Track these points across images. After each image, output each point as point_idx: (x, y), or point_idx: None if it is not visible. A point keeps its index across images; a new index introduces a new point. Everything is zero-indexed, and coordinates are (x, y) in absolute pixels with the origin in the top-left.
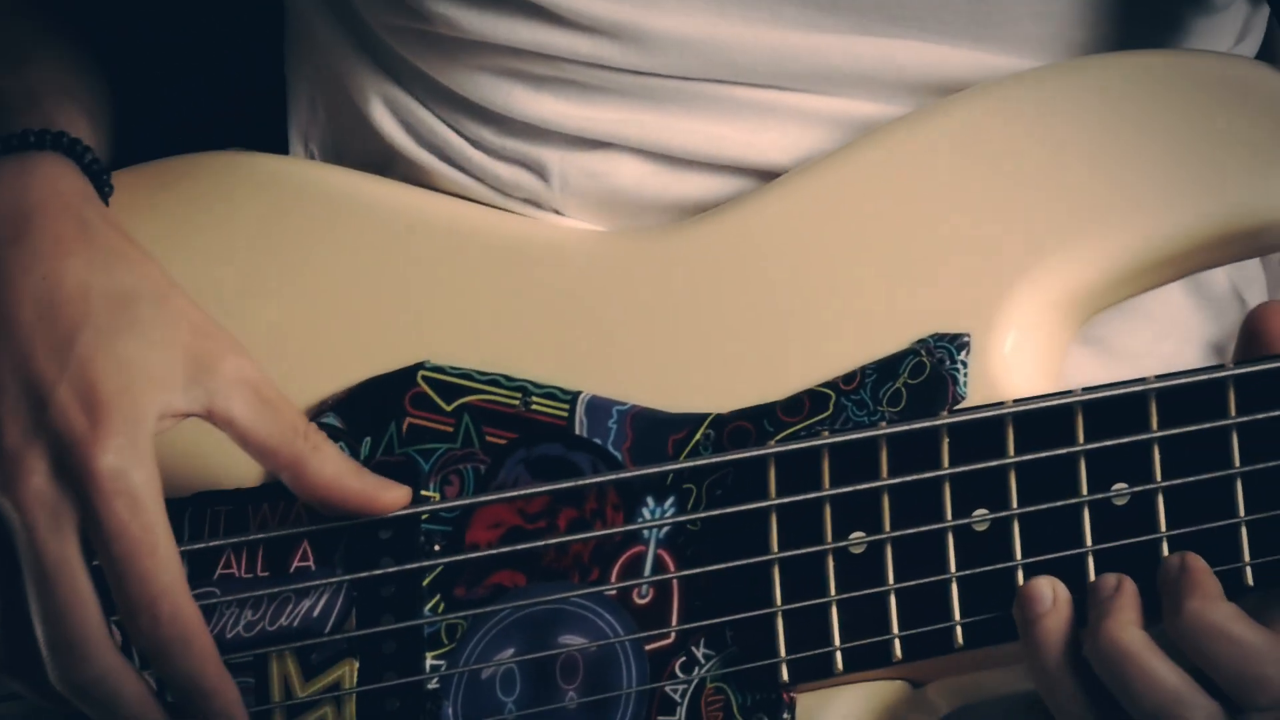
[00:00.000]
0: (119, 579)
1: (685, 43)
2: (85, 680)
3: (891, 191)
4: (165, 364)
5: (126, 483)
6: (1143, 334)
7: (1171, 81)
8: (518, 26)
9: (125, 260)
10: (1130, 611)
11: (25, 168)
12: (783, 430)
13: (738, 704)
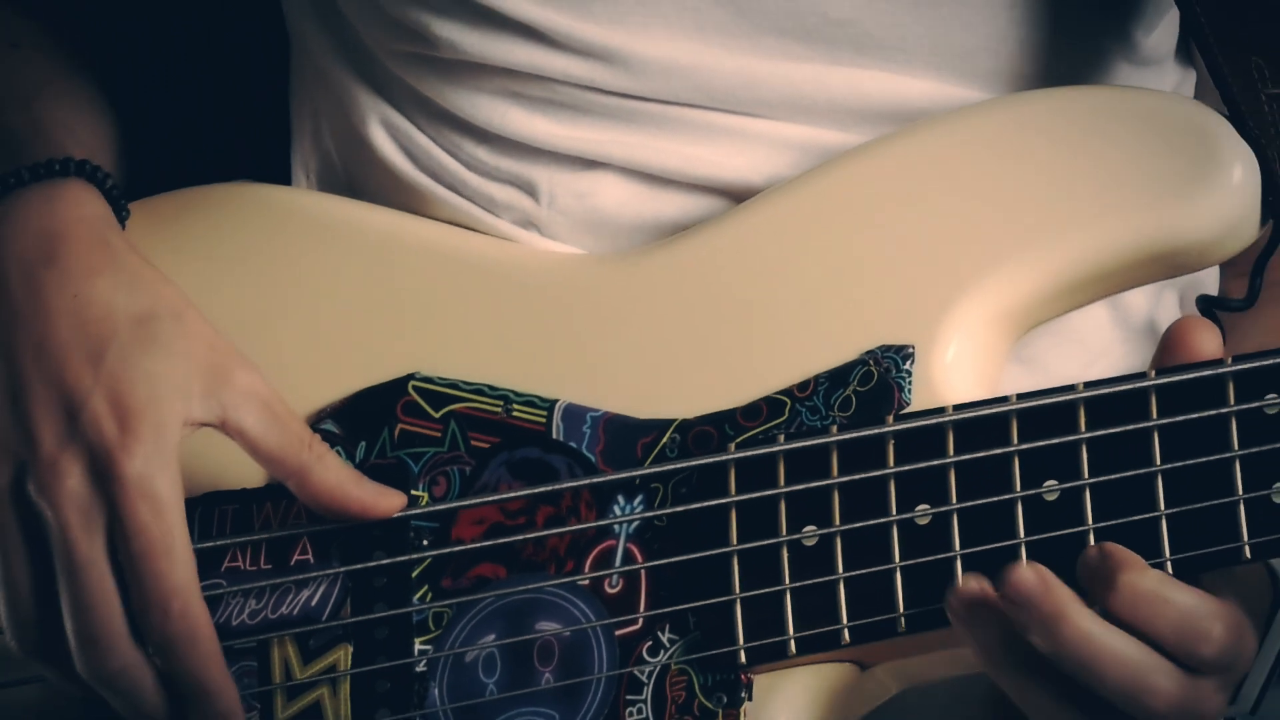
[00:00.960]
0: (136, 575)
1: (670, 68)
2: (108, 672)
3: (845, 214)
4: (185, 377)
5: (152, 487)
6: (1072, 356)
7: (1104, 114)
8: (515, 49)
9: (145, 281)
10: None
11: (51, 194)
12: (742, 434)
13: (699, 684)
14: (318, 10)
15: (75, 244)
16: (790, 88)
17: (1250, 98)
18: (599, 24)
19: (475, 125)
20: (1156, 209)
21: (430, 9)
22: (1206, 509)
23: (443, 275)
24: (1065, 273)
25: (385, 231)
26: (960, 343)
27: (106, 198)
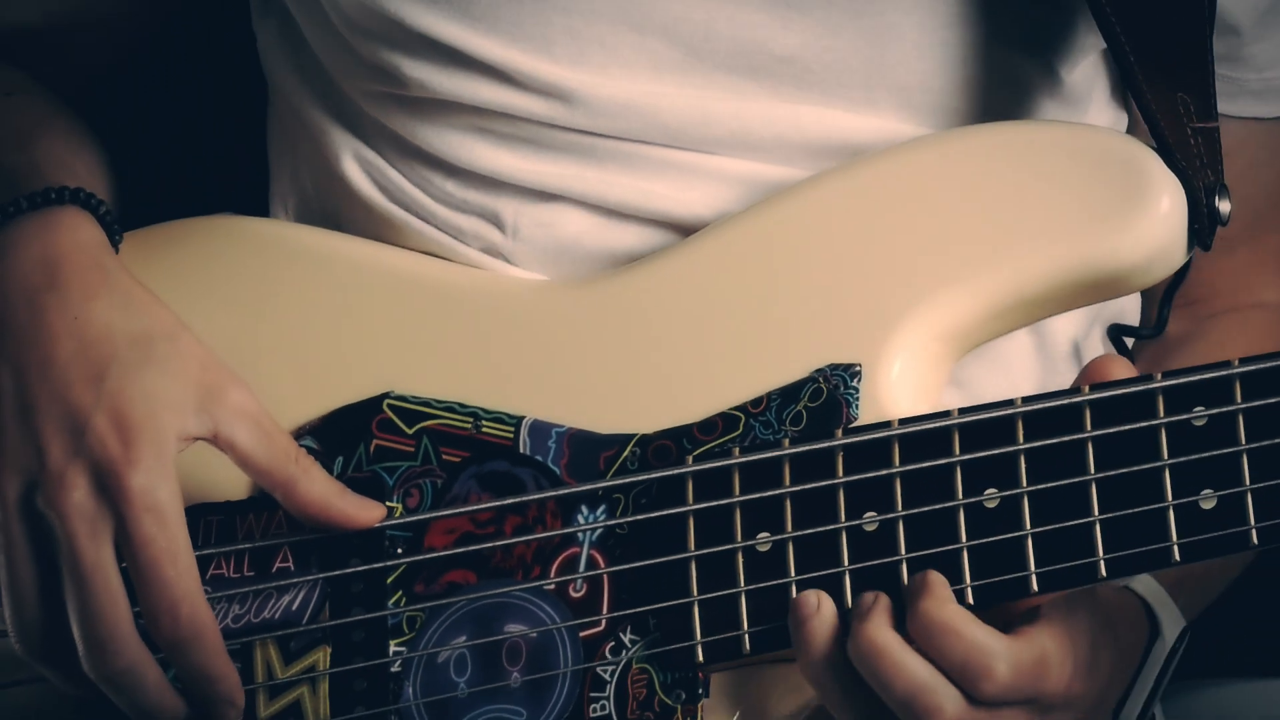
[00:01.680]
0: (145, 583)
1: (627, 106)
2: (115, 671)
3: (795, 242)
4: (181, 394)
5: (155, 499)
6: (999, 379)
7: (1040, 146)
8: (482, 88)
9: (140, 303)
10: (884, 616)
11: (49, 221)
12: (699, 447)
13: (659, 682)
14: (292, 54)
15: (73, 268)
16: (739, 124)
17: (1177, 131)
18: (560, 65)
19: (444, 160)
20: (1089, 236)
21: (401, 51)
22: (1138, 514)
23: (415, 300)
24: (1002, 296)
25: (360, 260)
26: (904, 361)
27: (100, 223)
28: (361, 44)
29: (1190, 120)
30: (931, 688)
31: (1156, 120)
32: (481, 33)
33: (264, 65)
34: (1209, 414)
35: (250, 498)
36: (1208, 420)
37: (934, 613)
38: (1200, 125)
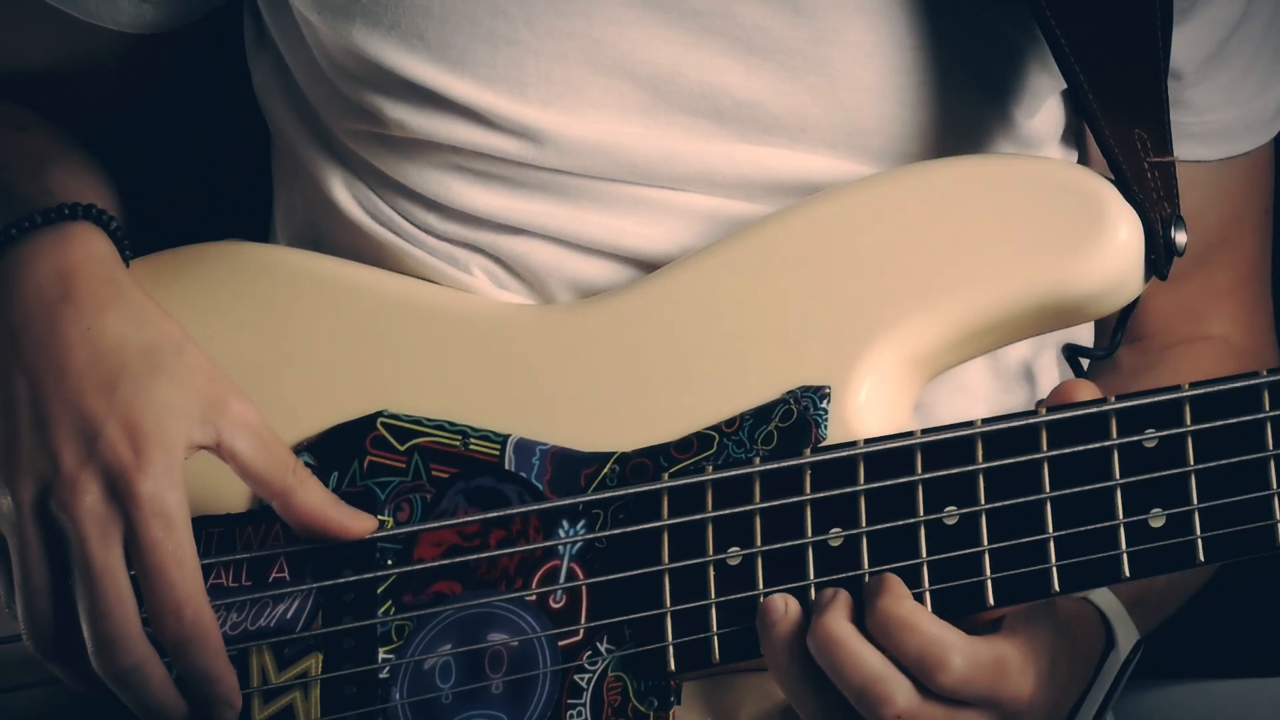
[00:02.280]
0: (152, 585)
1: (596, 147)
2: (123, 668)
3: (768, 270)
4: (187, 404)
5: (163, 504)
6: (957, 401)
7: (1002, 179)
8: (458, 129)
9: (150, 315)
10: (842, 609)
11: (62, 236)
12: (675, 465)
13: (633, 689)
14: (285, 92)
15: (86, 281)
16: (703, 163)
17: (1134, 166)
18: (532, 106)
19: (423, 195)
20: (1050, 265)
21: (382, 93)
22: (1090, 531)
23: (407, 323)
24: (966, 322)
25: (356, 284)
26: (872, 384)
27: (111, 238)
28: (345, 85)
29: (1147, 155)
30: (883, 677)
31: (1115, 155)
32: (457, 76)
33: (260, 101)
34: (1159, 436)
35: (249, 511)
36: (1158, 442)
37: (891, 608)
38: (1156, 160)
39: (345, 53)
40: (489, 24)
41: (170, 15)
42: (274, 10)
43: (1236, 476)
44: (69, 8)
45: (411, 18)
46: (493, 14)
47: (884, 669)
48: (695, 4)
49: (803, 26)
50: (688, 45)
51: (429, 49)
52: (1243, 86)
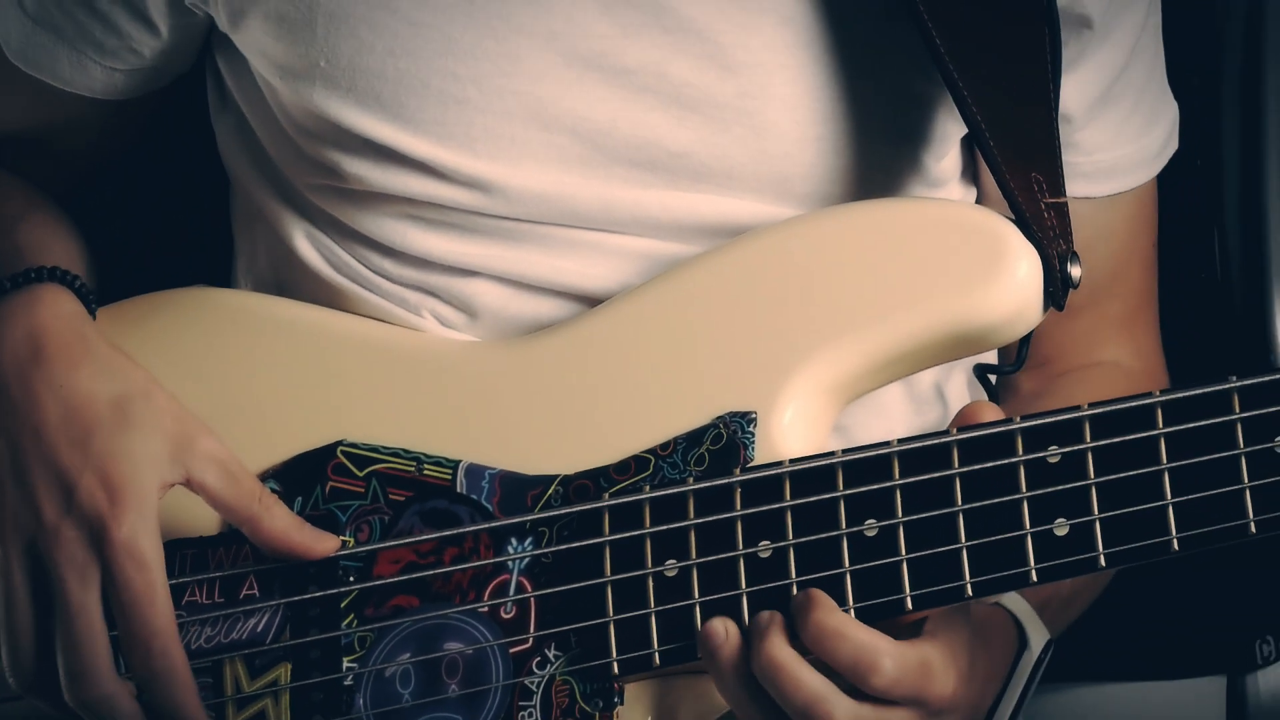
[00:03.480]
0: (125, 621)
1: (539, 195)
2: (92, 699)
3: (699, 306)
4: (158, 448)
5: (138, 548)
6: (874, 423)
7: (913, 220)
8: (412, 181)
9: (118, 367)
10: (779, 633)
11: (31, 298)
12: (615, 486)
13: (580, 692)
14: (247, 149)
15: (56, 340)
16: (639, 209)
17: (1032, 206)
18: (480, 160)
19: (380, 242)
20: (957, 298)
21: (342, 150)
22: (1000, 541)
23: (364, 360)
24: (881, 351)
25: (315, 325)
26: (795, 409)
27: (78, 295)
28: (306, 144)
29: (1044, 196)
30: (824, 696)
31: (1014, 197)
32: (411, 133)
33: (223, 157)
34: (1061, 452)
35: (220, 533)
36: (1061, 458)
37: (823, 621)
38: (1052, 201)
39: (306, 114)
40: (439, 85)
41: (139, 82)
42: (236, 75)
43: (1134, 488)
44: (44, 75)
45: (368, 80)
46: (443, 76)
47: (825, 689)
48: (628, 63)
49: (729, 82)
50: (622, 101)
51: (384, 109)
52: (1128, 127)
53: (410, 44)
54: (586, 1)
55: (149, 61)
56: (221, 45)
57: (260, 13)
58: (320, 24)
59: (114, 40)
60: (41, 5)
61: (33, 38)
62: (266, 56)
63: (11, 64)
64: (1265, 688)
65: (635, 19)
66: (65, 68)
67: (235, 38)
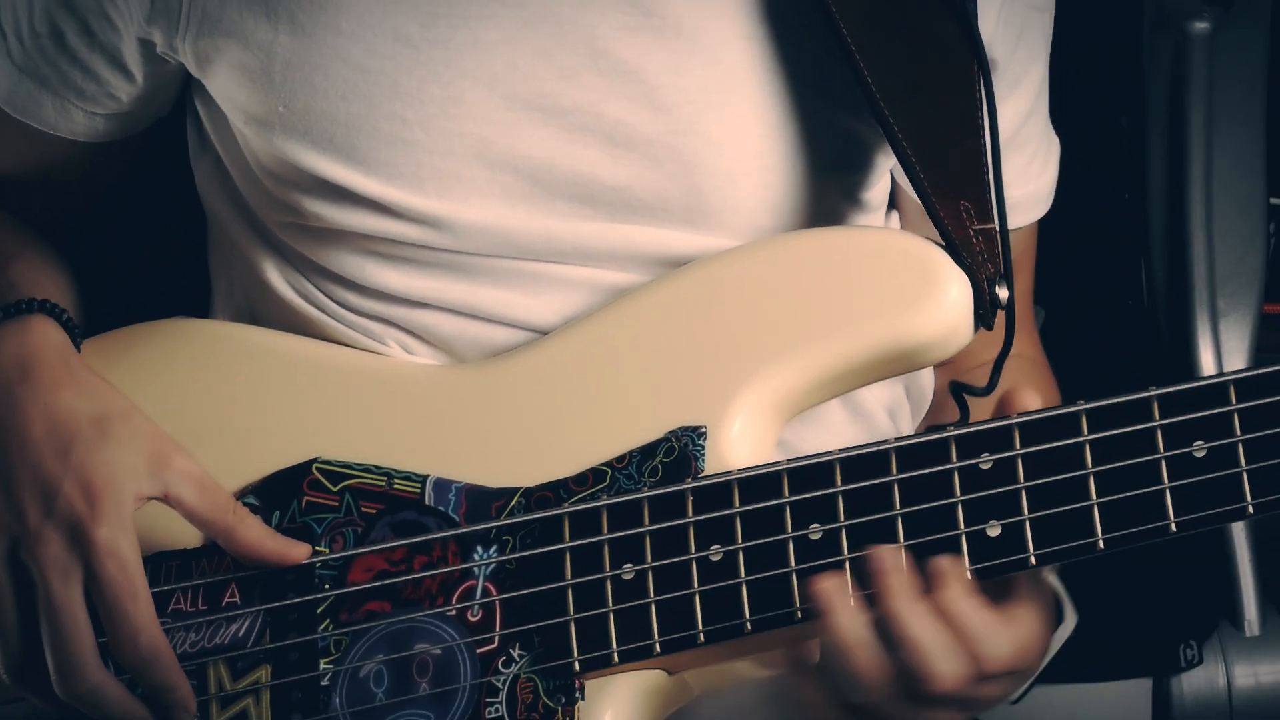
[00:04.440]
0: (109, 616)
1: (485, 230)
2: (81, 692)
3: (645, 330)
4: (135, 462)
5: (116, 548)
6: (815, 435)
7: (852, 247)
8: (368, 219)
9: (99, 390)
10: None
11: (22, 326)
12: (574, 496)
13: (543, 688)
14: (223, 189)
15: (42, 364)
16: (580, 240)
17: (962, 233)
18: (430, 198)
19: (341, 276)
20: (892, 319)
21: (302, 191)
22: (936, 541)
23: (336, 383)
24: (823, 369)
25: (290, 351)
26: (742, 423)
27: (64, 328)
28: (272, 185)
29: (972, 223)
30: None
31: (945, 225)
32: (363, 173)
33: (201, 197)
34: (993, 459)
35: (203, 546)
36: (992, 464)
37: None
38: (980, 227)
39: (269, 156)
40: (388, 128)
41: (120, 126)
42: (213, 120)
43: (1061, 491)
44: (31, 120)
45: (322, 125)
46: (391, 119)
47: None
48: (565, 104)
49: (661, 121)
50: (561, 140)
51: (338, 151)
52: (1030, 169)
53: (361, 90)
54: (525, 46)
55: (127, 106)
56: (199, 91)
57: (224, 61)
58: (277, 72)
59: (94, 87)
60: (27, 55)
61: (19, 86)
62: (232, 102)
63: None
64: (1189, 689)
65: (571, 62)
66: (50, 113)
67: (206, 83)
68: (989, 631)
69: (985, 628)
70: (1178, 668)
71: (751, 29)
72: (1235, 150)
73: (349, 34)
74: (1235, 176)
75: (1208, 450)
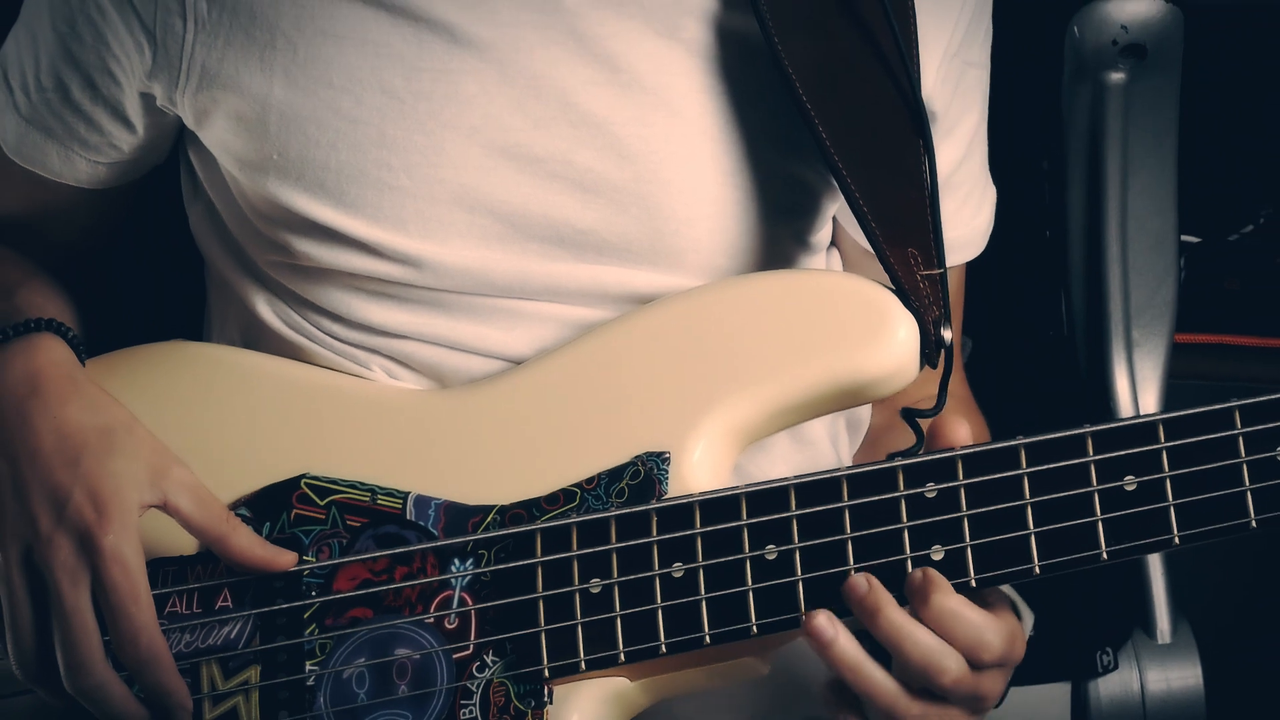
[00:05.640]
0: (113, 617)
1: (464, 269)
2: (88, 686)
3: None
4: (137, 472)
5: (121, 554)
6: (766, 464)
7: (807, 289)
8: (354, 259)
9: (103, 404)
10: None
11: (29, 345)
12: (545, 515)
13: (514, 692)
14: (220, 236)
15: (50, 380)
16: (551, 279)
17: (910, 278)
18: (412, 238)
19: (328, 310)
20: (844, 357)
21: (293, 232)
22: (883, 564)
23: (324, 404)
24: (779, 402)
25: (281, 375)
26: (703, 450)
27: (70, 345)
28: (263, 225)
29: (919, 269)
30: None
31: (895, 270)
32: (351, 216)
33: (195, 238)
34: (938, 488)
35: (199, 553)
36: (937, 493)
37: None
38: (926, 273)
39: (262, 200)
40: (375, 174)
41: (119, 173)
42: (206, 168)
43: (1001, 519)
44: (36, 168)
45: (314, 171)
46: (378, 166)
47: (939, 646)
48: (539, 153)
49: (626, 169)
50: (535, 187)
51: (329, 196)
52: (963, 212)
53: (350, 139)
54: (502, 99)
55: (127, 155)
56: (193, 142)
57: (221, 113)
58: (273, 122)
59: (97, 137)
60: (34, 108)
61: (26, 136)
62: (228, 151)
63: (8, 158)
64: (1105, 693)
65: (545, 114)
66: (55, 161)
67: (201, 135)
68: (984, 623)
69: (980, 619)
70: (1095, 673)
71: (710, 84)
72: (1148, 191)
73: (340, 87)
74: (1148, 215)
75: (1138, 484)
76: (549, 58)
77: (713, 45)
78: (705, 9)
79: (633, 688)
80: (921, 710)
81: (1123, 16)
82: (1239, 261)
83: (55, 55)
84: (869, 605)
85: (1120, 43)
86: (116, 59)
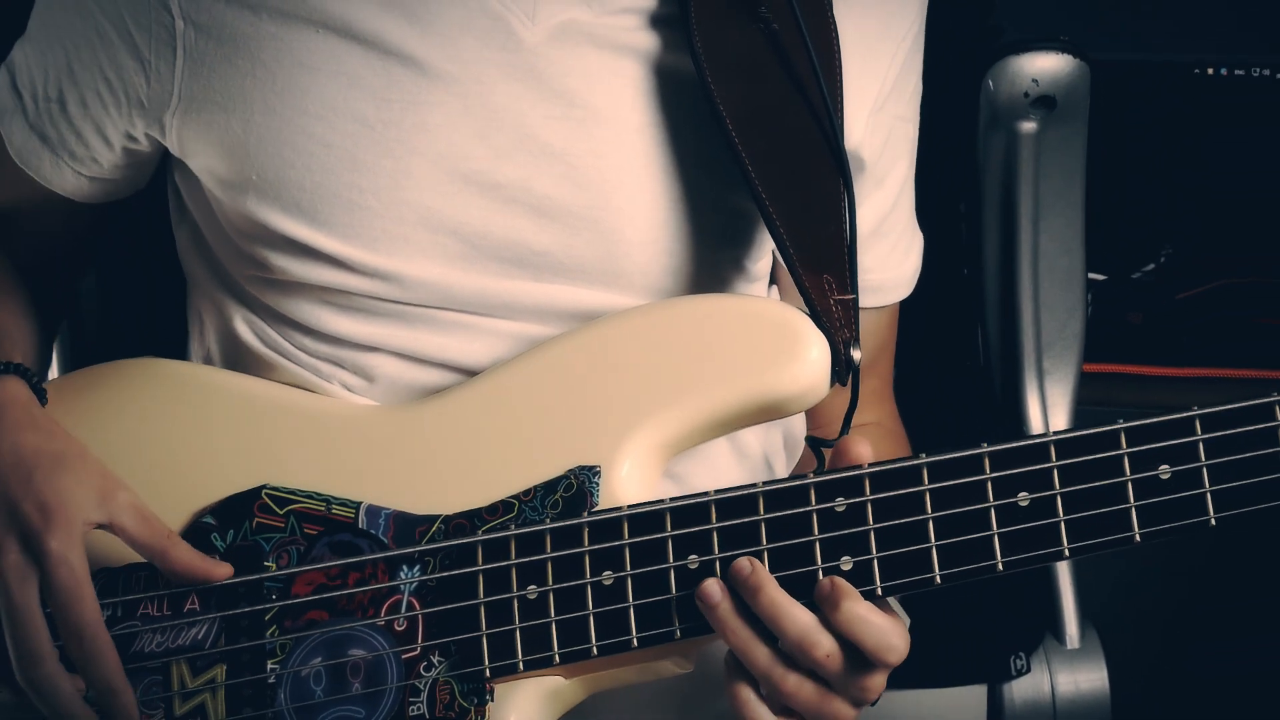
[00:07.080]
0: (60, 614)
1: (428, 284)
2: (38, 677)
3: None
4: (85, 493)
5: (66, 558)
6: (704, 473)
7: (728, 311)
8: (325, 273)
9: (58, 434)
10: (770, 580)
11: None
12: (486, 525)
13: (458, 691)
14: (201, 255)
15: (11, 415)
16: (508, 296)
17: (823, 301)
18: (380, 255)
19: (301, 323)
20: (761, 374)
21: (269, 247)
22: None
23: (284, 419)
24: (700, 417)
25: (244, 391)
26: (631, 463)
27: (32, 388)
28: (241, 241)
29: (833, 293)
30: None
31: (809, 294)
32: (324, 234)
33: (181, 260)
34: (847, 503)
35: None
36: (846, 507)
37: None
38: (839, 298)
39: (241, 218)
40: (346, 195)
41: (102, 191)
42: (190, 192)
43: (905, 533)
44: (32, 172)
45: (290, 191)
46: (349, 188)
47: (813, 621)
48: (499, 180)
49: (580, 196)
50: (495, 211)
51: (303, 214)
52: (892, 257)
53: (324, 162)
54: (465, 129)
55: (106, 173)
56: (178, 167)
57: (204, 139)
58: (252, 146)
59: (81, 149)
60: (38, 115)
61: (28, 141)
62: (211, 172)
63: (9, 158)
64: (1018, 695)
65: (505, 144)
66: (47, 168)
67: (185, 158)
68: (889, 627)
69: (886, 624)
70: (1009, 676)
71: (656, 119)
72: (1058, 232)
73: (315, 115)
74: (1058, 254)
75: (1031, 500)
76: (510, 93)
77: (657, 85)
78: (650, 51)
79: (567, 685)
80: (796, 682)
81: (1034, 70)
82: (1142, 297)
83: (60, 69)
84: (752, 584)
85: (1031, 95)
86: (109, 82)
